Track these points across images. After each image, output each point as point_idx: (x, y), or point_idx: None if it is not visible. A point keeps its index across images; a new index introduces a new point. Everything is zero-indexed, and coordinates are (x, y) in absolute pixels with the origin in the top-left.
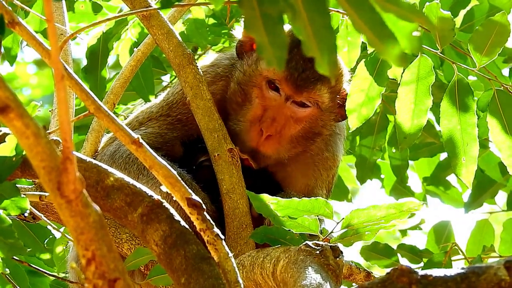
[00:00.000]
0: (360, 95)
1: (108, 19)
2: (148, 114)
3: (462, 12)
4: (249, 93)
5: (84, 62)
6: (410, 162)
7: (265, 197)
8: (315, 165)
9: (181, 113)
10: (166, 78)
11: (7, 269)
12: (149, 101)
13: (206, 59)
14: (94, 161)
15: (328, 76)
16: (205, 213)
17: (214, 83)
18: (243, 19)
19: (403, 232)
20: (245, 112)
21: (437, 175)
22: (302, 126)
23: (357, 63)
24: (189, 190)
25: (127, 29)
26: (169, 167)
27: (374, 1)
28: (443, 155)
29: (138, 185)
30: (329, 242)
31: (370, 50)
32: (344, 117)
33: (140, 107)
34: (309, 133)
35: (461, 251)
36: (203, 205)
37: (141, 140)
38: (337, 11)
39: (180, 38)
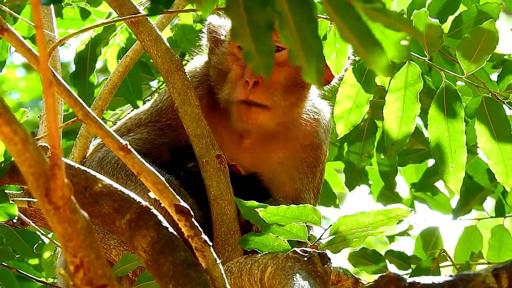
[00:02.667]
0: (348, 102)
1: (97, 26)
2: (137, 121)
3: (451, 18)
4: (226, 63)
5: (72, 66)
6: (398, 168)
7: (253, 203)
8: (302, 165)
9: (171, 119)
10: (154, 84)
11: None
12: (137, 106)
13: (193, 62)
14: (83, 168)
15: None
16: (193, 219)
17: (200, 84)
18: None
19: (391, 238)
20: (228, 81)
21: (425, 181)
22: (286, 70)
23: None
24: (177, 197)
25: (115, 34)
26: (157, 173)
27: (360, 10)
28: (431, 161)
29: (126, 191)
30: (317, 249)
31: (357, 57)
32: (329, 79)
33: (128, 114)
34: (297, 79)
35: (449, 257)
36: (191, 211)
37: (129, 147)
38: (326, 18)
39: (168, 44)
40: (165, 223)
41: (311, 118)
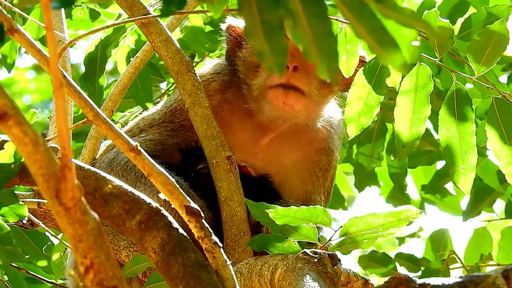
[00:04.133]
0: (358, 103)
1: (107, 27)
2: (150, 121)
3: (460, 20)
4: None
5: (82, 67)
6: (408, 169)
7: (263, 205)
8: (314, 167)
9: (185, 119)
10: (163, 85)
11: (5, 276)
12: (147, 108)
13: (206, 66)
14: (93, 169)
15: None
16: (203, 220)
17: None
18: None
19: (401, 240)
20: (263, 69)
21: (435, 183)
22: None
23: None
24: (187, 198)
25: (125, 36)
26: (167, 174)
27: (374, 8)
28: (440, 163)
29: (137, 192)
30: (327, 250)
31: (368, 58)
32: (347, 87)
33: (141, 114)
34: None
35: (459, 259)
36: (201, 212)
37: (139, 148)
38: (336, 19)
39: (178, 45)
40: (175, 224)
41: (327, 123)
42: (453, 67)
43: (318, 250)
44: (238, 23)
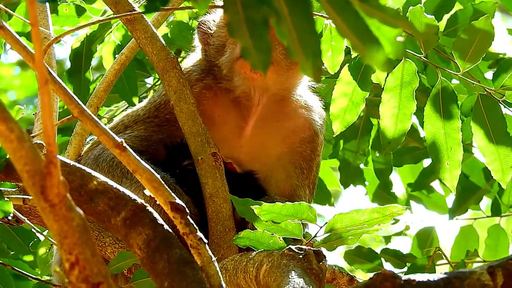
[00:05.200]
0: (344, 100)
1: (92, 23)
2: (134, 117)
3: (446, 17)
4: (223, 35)
5: (68, 63)
6: (394, 168)
7: (249, 201)
8: (299, 159)
9: (170, 113)
10: (149, 81)
11: None
12: (133, 104)
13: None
14: (78, 165)
15: None
16: (188, 217)
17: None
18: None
19: (387, 238)
20: (228, 47)
21: (421, 181)
22: None
23: (341, 67)
24: (173, 194)
25: (111, 32)
26: (152, 171)
27: (358, 6)
28: (426, 161)
29: (122, 189)
30: (312, 246)
31: (354, 54)
32: None
33: (125, 111)
34: None
35: (445, 255)
36: (187, 209)
37: (124, 144)
38: (321, 16)
39: (163, 42)
40: (160, 221)
41: (304, 104)
42: (439, 63)
43: (304, 247)
44: (208, 18)
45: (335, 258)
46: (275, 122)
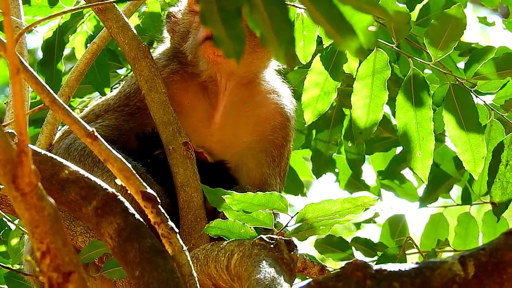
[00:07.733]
0: (315, 89)
1: (64, 12)
2: (105, 107)
3: (418, 7)
4: (187, 21)
5: (39, 53)
6: (366, 156)
7: (220, 191)
8: (270, 147)
9: (140, 101)
10: (121, 71)
11: None
12: (105, 94)
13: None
14: (49, 154)
15: None
16: (159, 206)
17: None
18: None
19: (357, 225)
20: (192, 33)
21: (392, 169)
22: None
23: (313, 57)
24: (144, 184)
25: (83, 22)
26: (124, 160)
27: None
28: (398, 149)
29: (93, 178)
30: (283, 236)
31: (326, 44)
32: None
33: (95, 101)
34: None
35: (415, 245)
36: (158, 198)
37: (95, 133)
38: (293, 5)
39: (135, 32)
40: (131, 210)
41: (273, 89)
42: (412, 53)
43: (275, 236)
44: (176, 9)
45: (305, 247)
46: (246, 110)
